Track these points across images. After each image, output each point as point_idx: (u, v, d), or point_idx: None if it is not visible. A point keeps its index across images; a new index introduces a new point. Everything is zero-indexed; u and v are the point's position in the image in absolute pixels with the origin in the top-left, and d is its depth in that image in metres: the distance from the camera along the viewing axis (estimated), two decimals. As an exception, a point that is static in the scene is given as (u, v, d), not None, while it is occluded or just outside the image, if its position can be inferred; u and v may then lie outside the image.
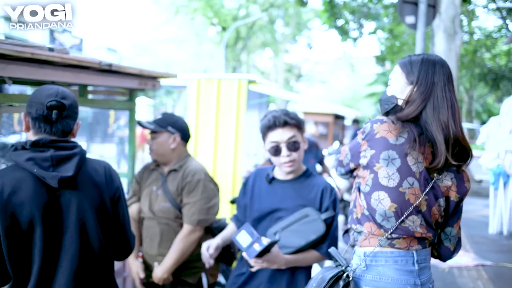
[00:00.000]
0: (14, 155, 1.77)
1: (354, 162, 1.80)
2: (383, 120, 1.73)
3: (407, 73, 1.77)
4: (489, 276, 5.03)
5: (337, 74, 43.02)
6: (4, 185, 1.71)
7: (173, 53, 34.77)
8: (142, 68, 3.32)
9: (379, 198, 1.68)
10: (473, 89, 22.95)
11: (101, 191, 1.89)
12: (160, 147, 2.79)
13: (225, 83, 5.17)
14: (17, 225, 1.71)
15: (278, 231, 2.20)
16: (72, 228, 1.79)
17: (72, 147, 1.84)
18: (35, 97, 1.83)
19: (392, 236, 1.69)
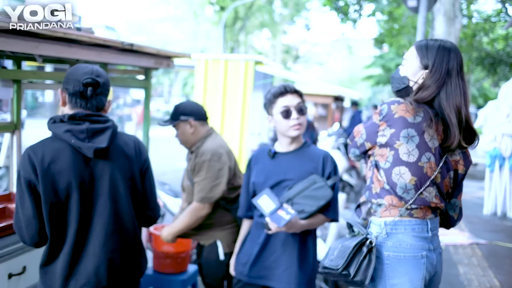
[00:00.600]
0: (53, 127, 1.91)
1: (370, 141, 1.93)
2: (400, 101, 1.85)
3: (422, 57, 1.90)
4: (483, 253, 5.25)
5: (335, 56, 42.97)
6: (45, 155, 1.86)
7: (170, 32, 34.54)
8: (158, 48, 3.44)
9: (400, 172, 1.83)
10: (470, 73, 23.06)
11: (131, 163, 2.03)
12: (182, 136, 2.99)
13: (232, 63, 5.28)
14: (56, 191, 1.86)
15: (291, 198, 2.35)
16: (105, 195, 1.94)
17: (105, 121, 1.98)
18: (71, 75, 1.95)
19: (412, 207, 1.85)
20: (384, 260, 1.84)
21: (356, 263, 1.79)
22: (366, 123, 1.97)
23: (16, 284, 2.36)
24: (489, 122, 7.25)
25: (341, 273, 1.81)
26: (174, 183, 6.98)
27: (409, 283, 1.82)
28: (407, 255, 1.83)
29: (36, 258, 2.48)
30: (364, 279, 1.79)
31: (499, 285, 4.30)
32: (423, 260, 1.84)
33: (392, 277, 1.83)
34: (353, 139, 2.02)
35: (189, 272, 3.38)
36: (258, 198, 2.28)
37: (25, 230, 1.88)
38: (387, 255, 1.84)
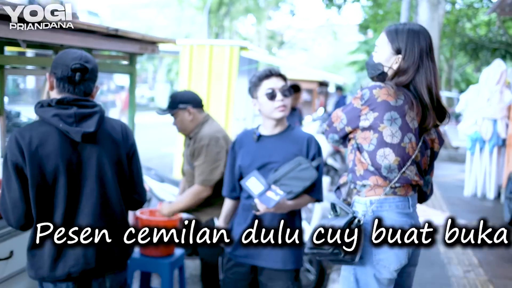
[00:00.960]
0: (41, 111, 1.92)
1: (351, 126, 1.98)
2: (381, 86, 1.90)
3: (393, 43, 1.97)
4: (463, 234, 5.41)
5: (320, 41, 42.95)
6: (32, 138, 1.87)
7: (154, 18, 34.15)
8: (143, 33, 3.44)
9: (384, 154, 1.89)
10: (453, 58, 23.29)
11: (118, 147, 2.06)
12: (181, 124, 3.11)
13: (217, 49, 5.29)
14: (43, 175, 1.88)
15: (277, 179, 2.41)
16: (92, 179, 1.97)
17: (93, 105, 1.99)
18: (60, 59, 1.96)
19: (395, 185, 1.92)
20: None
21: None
22: (346, 109, 2.00)
23: (4, 268, 2.38)
24: (470, 106, 7.38)
25: (332, 252, 1.86)
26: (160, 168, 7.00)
27: (394, 257, 1.90)
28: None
29: (23, 242, 2.50)
30: (354, 256, 1.86)
31: (478, 263, 4.45)
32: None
33: (379, 252, 1.90)
34: (332, 124, 2.05)
35: (176, 255, 3.43)
36: (247, 180, 2.32)
37: (11, 212, 1.90)
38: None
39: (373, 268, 1.92)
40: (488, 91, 7.01)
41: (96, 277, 2.02)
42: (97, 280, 2.03)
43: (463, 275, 4.14)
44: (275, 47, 34.35)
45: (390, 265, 1.91)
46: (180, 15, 31.41)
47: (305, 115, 12.76)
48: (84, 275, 1.97)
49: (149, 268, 3.40)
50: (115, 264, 2.07)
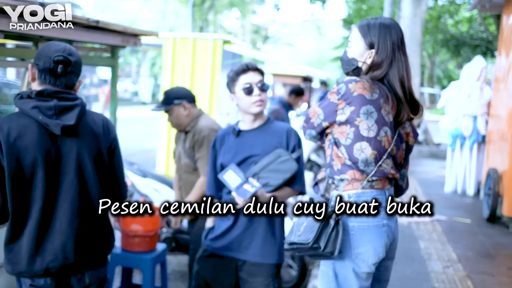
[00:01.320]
0: (20, 103, 1.89)
1: (328, 121, 1.99)
2: (357, 80, 1.92)
3: (365, 37, 1.99)
4: (443, 229, 5.48)
5: (304, 36, 43.02)
6: (11, 130, 1.84)
7: (138, 10, 33.77)
8: (125, 25, 3.39)
9: (361, 148, 1.92)
10: (436, 55, 23.54)
11: (99, 141, 2.03)
12: (177, 119, 3.17)
13: (200, 42, 5.25)
14: (21, 167, 1.85)
15: (256, 172, 2.41)
16: (71, 173, 1.94)
17: (74, 98, 1.96)
18: (43, 51, 1.93)
19: (372, 179, 1.95)
20: (350, 231, 1.93)
21: (325, 236, 1.86)
22: (322, 104, 2.01)
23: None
24: (451, 102, 7.46)
25: (311, 246, 1.87)
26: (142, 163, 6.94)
27: (373, 251, 1.92)
28: (370, 224, 1.92)
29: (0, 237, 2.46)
30: (334, 250, 1.86)
31: (456, 258, 4.52)
32: (384, 229, 1.95)
33: (357, 247, 1.92)
34: (309, 120, 2.05)
35: (158, 251, 3.41)
36: (224, 173, 2.32)
37: None
38: (352, 226, 1.93)
39: (352, 262, 1.94)
40: (469, 88, 7.10)
41: (75, 273, 2.00)
42: (76, 276, 2.00)
43: (442, 270, 4.21)
44: (260, 42, 34.30)
45: (368, 259, 1.93)
46: (164, 8, 31.13)
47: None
48: (63, 270, 1.95)
49: (130, 264, 3.38)
50: (94, 260, 2.04)
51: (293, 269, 4.14)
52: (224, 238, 2.50)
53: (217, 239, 2.52)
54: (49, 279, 1.93)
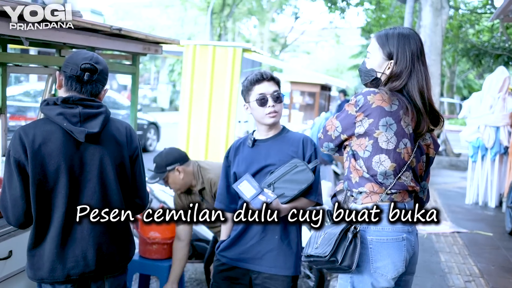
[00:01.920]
0: (46, 109, 1.92)
1: (347, 133, 1.95)
2: (375, 91, 1.90)
3: (384, 48, 1.96)
4: (464, 242, 5.36)
5: (322, 45, 42.97)
6: (36, 136, 1.87)
7: (157, 18, 34.16)
8: (146, 33, 3.41)
9: (380, 160, 1.88)
10: (456, 64, 23.27)
11: (121, 149, 2.04)
12: (175, 184, 3.17)
13: (220, 50, 5.27)
14: (44, 173, 1.87)
15: (272, 182, 2.34)
16: (93, 180, 1.95)
17: (99, 106, 1.98)
18: (71, 59, 1.97)
19: (391, 192, 1.91)
20: (368, 244, 1.89)
21: (343, 249, 1.83)
22: (340, 116, 1.98)
23: (2, 268, 2.36)
24: (472, 113, 7.35)
25: (328, 260, 1.84)
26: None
27: (392, 265, 1.88)
28: (389, 238, 1.89)
29: (22, 242, 2.48)
30: (351, 264, 1.83)
31: (479, 273, 4.41)
32: (404, 242, 1.91)
33: (376, 261, 1.89)
34: (326, 133, 2.02)
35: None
36: (239, 183, 2.28)
37: (10, 210, 1.89)
38: (371, 239, 1.89)
39: (371, 276, 1.90)
40: (491, 99, 6.98)
41: (95, 280, 2.00)
42: (97, 283, 2.01)
43: (464, 285, 4.11)
44: (278, 50, 34.35)
45: (387, 273, 1.89)
46: (183, 15, 31.41)
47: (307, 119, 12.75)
48: (83, 278, 1.95)
49: (148, 271, 3.38)
50: (115, 267, 2.04)
51: (311, 280, 4.09)
52: (237, 248, 2.44)
53: (229, 249, 2.47)
54: (70, 286, 1.94)
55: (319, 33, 40.14)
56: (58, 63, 3.50)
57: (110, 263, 2.01)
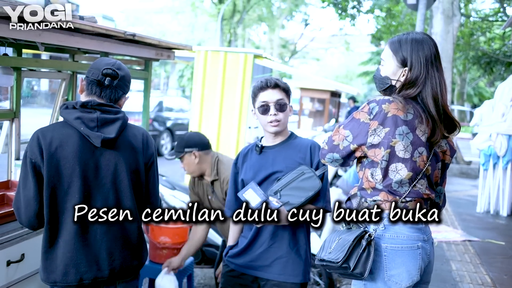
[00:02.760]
0: (65, 113, 1.94)
1: (357, 142, 1.88)
2: (390, 100, 1.86)
3: (397, 55, 1.93)
4: (475, 250, 5.30)
5: (332, 51, 42.96)
6: (53, 139, 1.89)
7: (168, 24, 34.39)
8: (159, 39, 3.43)
9: (396, 169, 1.85)
10: (467, 72, 23.14)
11: (137, 155, 2.04)
12: (188, 167, 3.19)
13: (231, 56, 5.29)
14: (59, 176, 1.88)
15: (278, 190, 2.32)
16: (107, 185, 1.95)
17: (116, 112, 2.00)
18: (95, 64, 2.01)
19: (406, 200, 1.89)
20: (382, 252, 1.87)
21: (356, 256, 1.81)
22: (349, 125, 1.92)
23: (15, 271, 2.38)
24: (484, 121, 7.29)
25: (341, 266, 1.82)
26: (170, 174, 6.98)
27: (406, 274, 1.86)
28: (404, 246, 1.87)
29: (35, 245, 2.50)
30: (364, 272, 1.81)
31: (491, 282, 4.36)
32: (419, 251, 1.88)
33: (390, 268, 1.86)
34: (331, 143, 1.96)
35: (185, 263, 3.40)
36: (244, 191, 2.26)
37: (23, 210, 1.90)
38: (385, 247, 1.87)
39: (384, 284, 1.88)
40: (503, 106, 6.92)
41: (108, 285, 2.00)
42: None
43: (475, 293, 4.06)
44: (287, 56, 34.40)
45: (401, 281, 1.86)
46: (193, 21, 31.59)
47: (317, 125, 12.74)
48: (96, 282, 1.95)
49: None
50: (127, 273, 2.04)
51: (320, 287, 4.07)
52: (246, 255, 2.43)
53: (239, 256, 2.45)
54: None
55: (328, 40, 40.16)
56: (72, 68, 3.53)
57: (123, 268, 2.01)
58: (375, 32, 19.63)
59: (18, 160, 3.28)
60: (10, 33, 2.26)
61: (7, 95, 3.60)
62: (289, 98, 2.43)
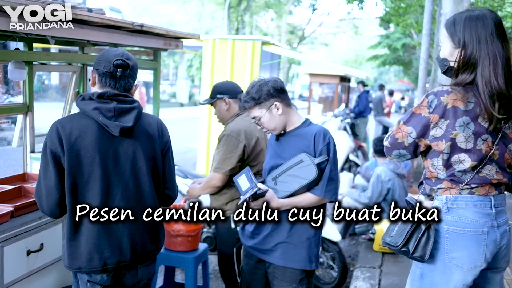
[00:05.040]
0: (82, 104, 2.00)
1: (423, 137, 1.88)
2: (448, 91, 1.82)
3: (452, 36, 1.88)
4: None
5: (340, 36, 42.61)
6: (73, 129, 1.94)
7: (175, 13, 34.30)
8: (167, 29, 3.45)
9: (459, 159, 1.84)
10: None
11: (153, 143, 2.11)
12: (219, 113, 3.25)
13: (239, 44, 5.29)
14: (80, 165, 1.94)
15: (275, 176, 2.38)
16: (127, 173, 2.02)
17: (132, 101, 2.07)
18: (103, 56, 2.05)
19: (471, 186, 1.85)
20: (443, 233, 1.87)
21: (415, 240, 1.85)
22: (410, 121, 1.91)
23: (34, 260, 2.44)
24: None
25: (400, 249, 1.88)
26: (183, 164, 7.04)
27: (468, 257, 1.84)
28: (467, 230, 1.85)
29: (53, 235, 2.56)
30: (424, 255, 1.85)
31: None
32: (484, 236, 1.84)
33: (451, 251, 1.86)
34: (396, 141, 1.94)
35: (200, 250, 3.46)
36: (238, 176, 2.33)
37: (45, 200, 1.96)
38: (447, 229, 1.87)
39: (444, 266, 1.88)
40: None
41: (129, 269, 2.08)
42: (130, 272, 2.08)
43: None
44: (295, 42, 34.19)
45: (463, 264, 1.85)
46: (200, 10, 31.48)
47: (327, 111, 12.69)
48: (119, 267, 2.03)
49: (173, 263, 3.43)
50: (147, 257, 2.12)
51: (334, 270, 4.11)
52: (255, 238, 2.49)
53: (248, 237, 2.53)
54: (105, 275, 2.01)
55: (337, 25, 39.77)
56: (82, 60, 3.57)
57: (143, 252, 2.09)
58: (383, 14, 19.39)
59: (33, 153, 3.35)
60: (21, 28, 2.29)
61: (19, 90, 3.66)
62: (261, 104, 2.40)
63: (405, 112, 30.25)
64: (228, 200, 3.14)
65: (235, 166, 3.00)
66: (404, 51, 24.39)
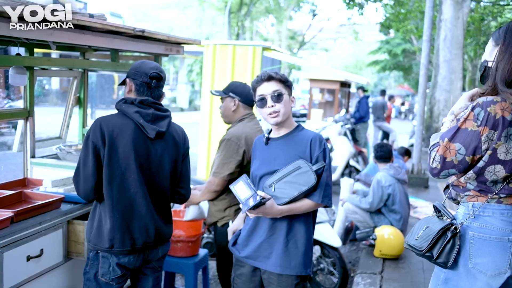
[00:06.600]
0: (124, 106, 2.30)
1: (472, 153, 1.79)
2: (494, 101, 1.77)
3: (496, 39, 1.86)
4: None
5: (340, 41, 42.73)
6: (114, 127, 2.26)
7: (175, 18, 34.43)
8: (168, 34, 3.46)
9: (494, 170, 1.81)
10: (478, 58, 22.88)
11: (178, 148, 2.46)
12: (224, 109, 3.24)
13: (240, 49, 5.29)
14: (117, 159, 2.26)
15: (273, 183, 2.33)
16: (153, 170, 2.36)
17: (166, 110, 2.40)
18: (140, 68, 2.35)
19: (500, 195, 1.84)
20: (469, 239, 1.86)
21: (440, 246, 1.84)
22: (456, 137, 1.82)
23: (34, 266, 2.43)
24: None
25: (424, 254, 1.88)
26: (182, 169, 6.99)
27: (492, 264, 1.83)
28: (493, 237, 1.83)
29: (53, 241, 2.55)
30: (447, 261, 1.84)
31: None
32: (509, 244, 1.83)
33: (476, 256, 1.85)
34: (444, 160, 1.83)
35: (200, 256, 3.45)
36: (235, 184, 2.27)
37: (82, 184, 2.27)
38: (472, 235, 1.86)
39: (468, 271, 1.87)
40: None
41: (152, 248, 2.42)
42: (153, 251, 2.44)
43: None
44: (296, 48, 34.28)
45: (487, 270, 1.83)
46: (201, 15, 31.59)
47: (327, 116, 12.70)
48: (145, 247, 2.37)
49: (173, 268, 3.43)
50: (164, 238, 2.49)
51: (335, 276, 4.09)
52: (248, 246, 2.46)
53: (242, 246, 2.49)
54: (132, 257, 2.34)
55: (337, 30, 39.90)
56: (83, 66, 3.58)
57: (162, 234, 2.45)
58: (383, 20, 19.48)
59: (33, 158, 3.34)
60: (22, 33, 2.29)
61: (20, 95, 3.66)
62: (289, 89, 2.41)
63: (405, 117, 30.31)
64: (227, 206, 3.12)
65: (234, 171, 2.99)
66: (404, 56, 24.47)
